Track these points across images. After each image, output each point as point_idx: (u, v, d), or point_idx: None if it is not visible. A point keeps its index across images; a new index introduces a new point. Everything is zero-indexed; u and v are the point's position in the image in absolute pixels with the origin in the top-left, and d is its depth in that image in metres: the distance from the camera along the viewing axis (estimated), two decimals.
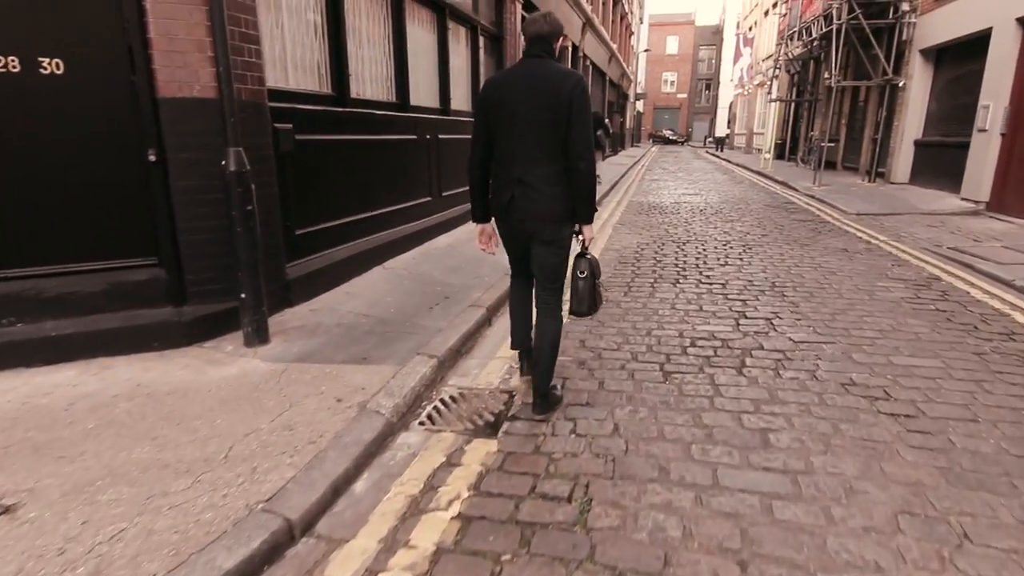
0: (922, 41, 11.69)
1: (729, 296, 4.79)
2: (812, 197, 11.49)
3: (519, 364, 3.23)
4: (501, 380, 3.28)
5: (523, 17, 9.94)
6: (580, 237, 2.70)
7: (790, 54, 18.66)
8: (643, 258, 6.23)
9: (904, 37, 12.11)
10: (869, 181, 12.92)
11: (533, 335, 2.86)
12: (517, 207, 2.57)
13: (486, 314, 4.25)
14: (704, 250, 6.58)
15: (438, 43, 6.81)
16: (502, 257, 3.04)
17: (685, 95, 59.74)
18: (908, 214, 9.32)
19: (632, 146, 42.23)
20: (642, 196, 12.04)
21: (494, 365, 3.50)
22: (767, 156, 19.05)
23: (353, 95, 5.04)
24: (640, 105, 51.85)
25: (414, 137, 6.09)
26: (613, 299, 4.79)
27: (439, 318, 4.02)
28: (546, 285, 2.74)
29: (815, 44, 17.18)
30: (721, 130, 44.67)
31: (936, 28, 11.21)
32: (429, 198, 6.51)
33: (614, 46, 22.18)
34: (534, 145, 2.50)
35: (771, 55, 25.84)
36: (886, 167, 13.01)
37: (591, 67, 17.46)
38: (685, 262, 6.02)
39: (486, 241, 2.87)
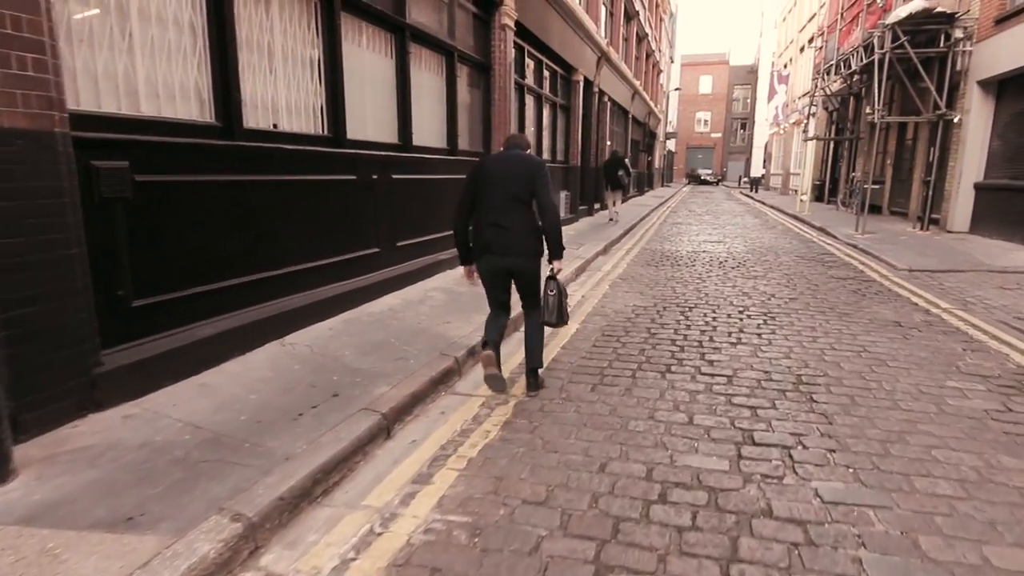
0: (980, 71, 10.25)
1: (735, 399, 3.45)
2: (854, 247, 9.99)
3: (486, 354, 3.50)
4: (344, 558, 2.04)
5: (516, 46, 8.99)
6: (552, 267, 3.54)
7: (827, 90, 17.32)
8: (634, 329, 4.93)
9: (958, 67, 10.70)
10: (921, 229, 11.32)
11: (523, 335, 3.69)
12: (497, 244, 3.41)
13: (382, 422, 3.03)
14: (714, 320, 5.24)
15: (397, 69, 5.82)
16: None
17: (719, 134, 58.52)
18: (972, 271, 7.76)
19: (663, 185, 41.00)
20: (658, 243, 10.74)
21: (353, 521, 2.27)
22: (804, 198, 17.54)
23: (250, 126, 4.00)
24: (672, 144, 50.82)
25: (352, 177, 5.02)
26: (573, 396, 3.51)
27: (304, 432, 2.81)
28: (530, 301, 3.61)
29: (855, 78, 15.83)
30: (756, 170, 43.15)
31: (997, 56, 9.78)
32: (375, 250, 5.40)
33: (637, 83, 21.23)
34: (509, 203, 3.40)
35: (807, 92, 24.52)
36: (941, 213, 11.41)
37: (609, 103, 16.49)
38: (686, 337, 4.70)
39: (469, 275, 3.75)
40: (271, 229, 4.14)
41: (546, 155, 11.41)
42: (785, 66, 29.30)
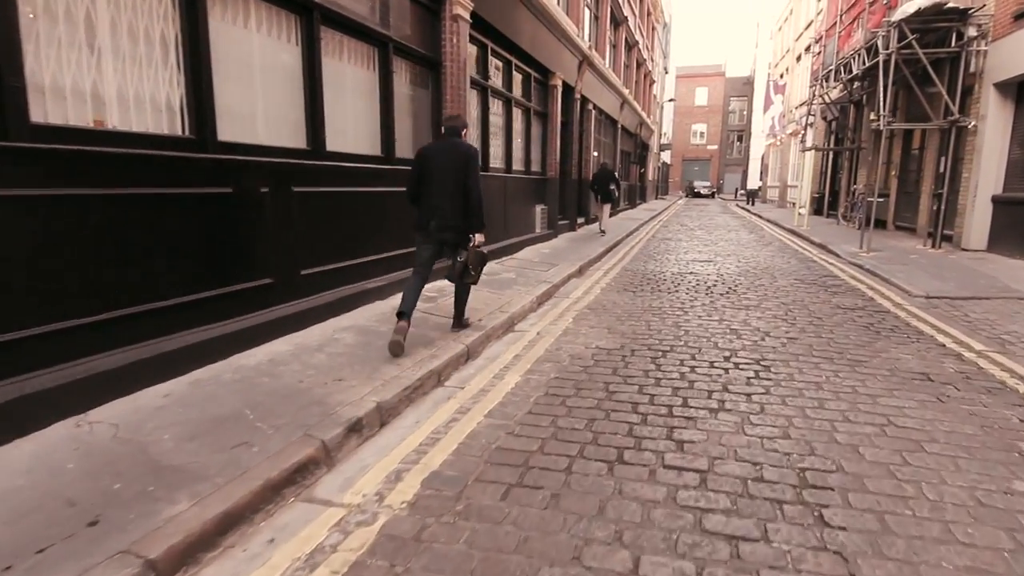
0: (997, 73, 9.23)
1: (708, 520, 2.31)
2: (860, 267, 8.89)
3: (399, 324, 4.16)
4: None
5: (476, 42, 7.96)
6: (473, 239, 4.40)
7: (826, 97, 16.34)
8: (589, 385, 3.81)
9: (972, 69, 9.68)
10: (933, 247, 10.24)
11: (453, 293, 4.76)
12: (436, 223, 4.34)
13: None
14: (692, 371, 4.11)
15: (304, 59, 4.74)
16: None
17: (716, 146, 57.76)
18: (1000, 298, 6.67)
19: (658, 198, 40.03)
20: (642, 262, 9.64)
21: None
22: (802, 212, 16.50)
23: (49, 121, 2.92)
24: (667, 156, 50.01)
25: (225, 190, 3.92)
26: (474, 509, 2.38)
27: None
28: (459, 265, 4.38)
29: (856, 85, 14.86)
30: (753, 182, 42.27)
31: (1016, 56, 8.76)
32: (264, 281, 4.28)
33: (626, 92, 20.27)
34: (447, 185, 4.28)
35: (804, 102, 23.62)
36: (954, 229, 10.34)
37: (594, 111, 15.47)
38: (653, 399, 3.57)
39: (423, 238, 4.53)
40: (86, 260, 3.03)
41: (518, 166, 10.35)
42: (781, 76, 28.45)
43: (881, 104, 9.89)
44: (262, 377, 3.62)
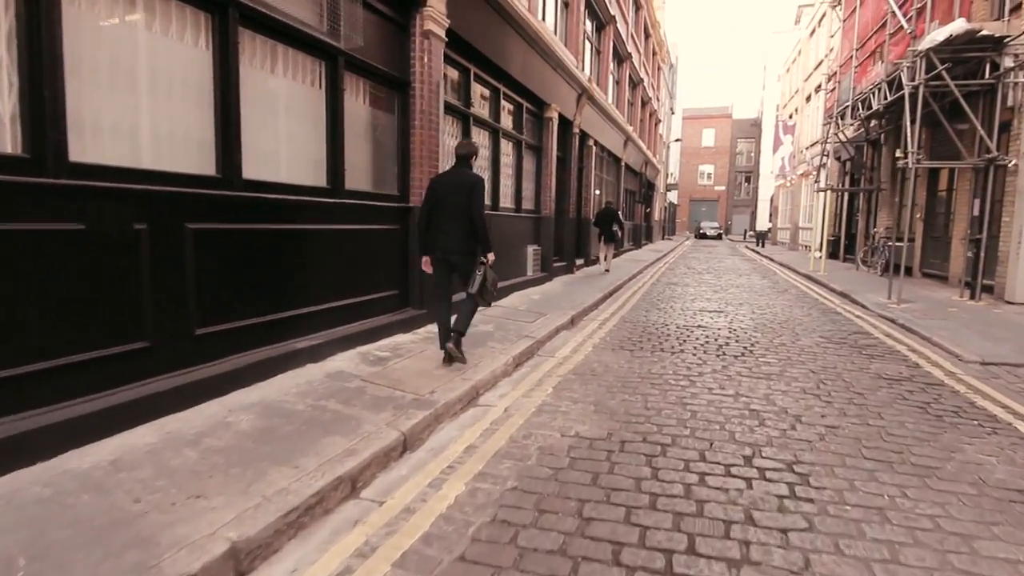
0: None
1: None
2: (892, 322, 7.77)
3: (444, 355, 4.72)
4: None
5: (456, 64, 7.13)
6: (483, 260, 4.71)
7: (841, 136, 15.49)
8: (555, 508, 2.69)
9: (1009, 102, 8.75)
10: (972, 299, 9.11)
11: (454, 316, 4.78)
12: (442, 245, 4.67)
13: None
14: (700, 482, 2.99)
15: (216, 64, 3.83)
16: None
17: (723, 187, 57.29)
18: None
19: (665, 238, 39.17)
20: (643, 311, 8.56)
21: None
22: (817, 255, 15.47)
23: None
24: (674, 196, 49.46)
25: (76, 227, 2.93)
26: None
27: None
28: (469, 282, 4.68)
29: (873, 123, 14.01)
30: (762, 223, 41.45)
31: None
32: (139, 345, 3.26)
33: (630, 129, 19.57)
34: (454, 212, 4.58)
35: (815, 141, 22.87)
36: (995, 279, 9.23)
37: (595, 147, 14.66)
38: (643, 540, 2.45)
39: (427, 265, 4.83)
40: None
41: (507, 202, 9.42)
42: (790, 117, 27.86)
43: (909, 140, 8.94)
44: (84, 493, 2.54)
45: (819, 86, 22.66)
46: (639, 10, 21.66)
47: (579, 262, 13.50)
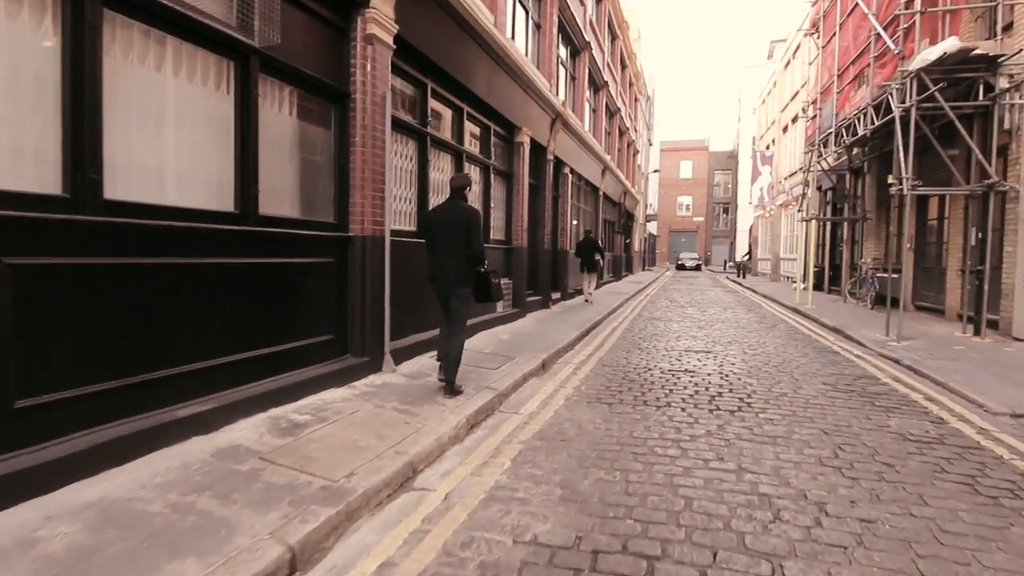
0: None
1: None
2: (897, 363, 7.01)
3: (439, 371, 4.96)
4: None
5: (410, 78, 6.36)
6: (482, 268, 4.90)
7: (824, 164, 15.08)
8: None
9: (1006, 125, 8.24)
10: (976, 335, 8.42)
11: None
12: (440, 278, 4.77)
13: None
14: None
15: (66, 53, 2.95)
16: None
17: (702, 218, 57.51)
18: None
19: (645, 269, 38.72)
20: (624, 351, 7.69)
21: None
22: (802, 287, 14.86)
23: None
24: (653, 227, 49.38)
25: None
26: None
27: None
28: (454, 321, 4.77)
29: (857, 150, 13.59)
30: (741, 254, 41.37)
31: None
32: None
33: (608, 158, 19.05)
34: (450, 244, 4.69)
35: (793, 172, 22.66)
36: (999, 313, 8.58)
37: (571, 175, 14.00)
38: None
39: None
40: None
41: None
42: (768, 147, 27.81)
43: (902, 165, 8.35)
44: None
45: (796, 116, 22.56)
46: (615, 39, 21.45)
47: (555, 295, 12.66)
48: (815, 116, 14.67)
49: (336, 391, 4.77)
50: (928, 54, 7.95)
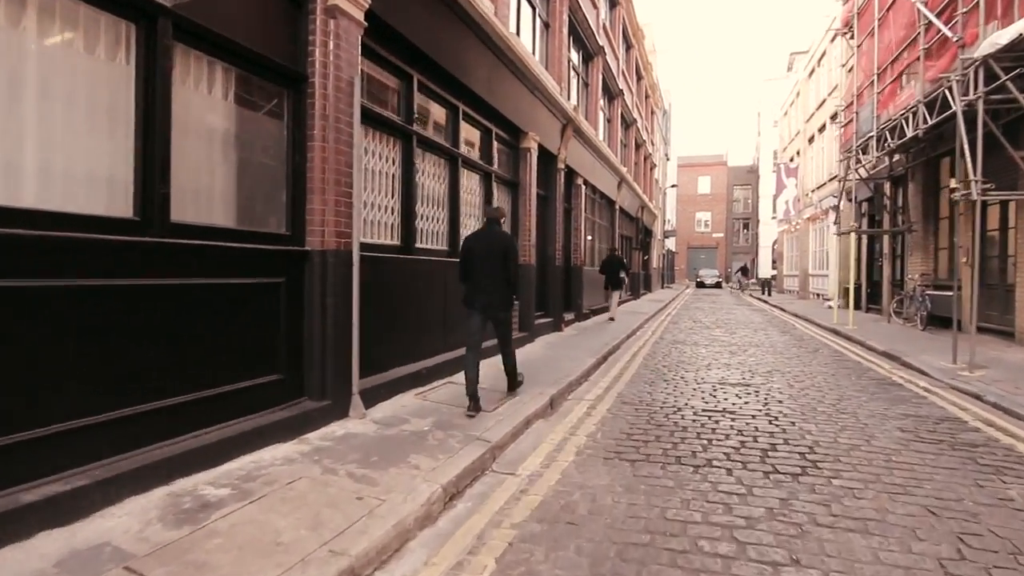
0: None
1: None
2: (979, 399, 5.80)
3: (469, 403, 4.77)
4: None
5: (381, 59, 5.42)
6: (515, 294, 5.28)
7: (860, 173, 13.88)
8: None
9: None
10: None
11: (501, 364, 5.50)
12: (479, 300, 4.94)
13: None
14: None
15: None
16: None
17: (721, 234, 56.05)
18: None
19: (664, 287, 37.40)
20: (647, 383, 6.57)
21: None
22: (833, 304, 13.59)
23: None
24: (672, 243, 48.10)
25: None
26: None
27: None
28: (504, 340, 5.29)
29: (899, 156, 12.41)
30: (764, 270, 39.89)
31: None
32: None
33: (624, 170, 18.02)
34: (490, 270, 4.94)
35: (822, 184, 21.42)
36: None
37: (584, 187, 12.98)
38: None
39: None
40: None
41: None
42: (791, 159, 26.59)
43: (969, 166, 7.19)
44: None
45: (823, 125, 21.40)
46: (630, 48, 20.57)
47: (568, 316, 11.56)
48: (850, 121, 13.51)
49: (280, 447, 3.73)
50: (998, 38, 6.83)
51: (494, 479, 3.69)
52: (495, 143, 8.10)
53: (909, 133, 9.80)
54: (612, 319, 12.97)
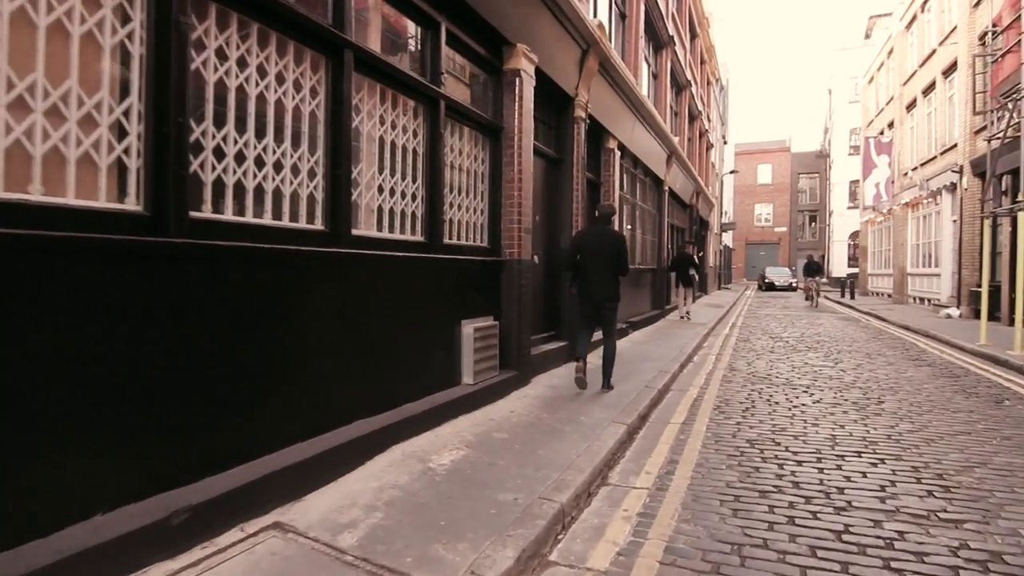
0: None
1: None
2: None
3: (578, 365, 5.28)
4: None
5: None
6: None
7: (1006, 135, 9.81)
8: None
9: None
10: None
11: (601, 351, 5.55)
12: (592, 293, 5.40)
13: None
14: None
15: None
16: None
17: (784, 228, 50.77)
18: None
19: (722, 287, 33.01)
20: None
21: None
22: (953, 313, 9.58)
23: None
24: (729, 238, 43.44)
25: None
26: None
27: None
28: (608, 329, 5.48)
29: None
30: (838, 267, 35.04)
31: None
32: None
33: (675, 140, 14.32)
34: (602, 265, 5.38)
35: (931, 158, 17.07)
36: None
37: (616, 151, 9.41)
38: None
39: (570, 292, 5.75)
40: None
41: (397, 232, 4.29)
42: (881, 132, 22.06)
43: None
44: None
45: (931, 84, 17.03)
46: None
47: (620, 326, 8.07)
48: (1005, 53, 9.46)
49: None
50: None
51: None
52: (447, 50, 4.72)
53: None
54: (684, 318, 12.81)
